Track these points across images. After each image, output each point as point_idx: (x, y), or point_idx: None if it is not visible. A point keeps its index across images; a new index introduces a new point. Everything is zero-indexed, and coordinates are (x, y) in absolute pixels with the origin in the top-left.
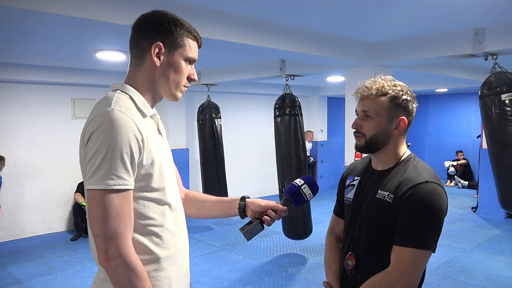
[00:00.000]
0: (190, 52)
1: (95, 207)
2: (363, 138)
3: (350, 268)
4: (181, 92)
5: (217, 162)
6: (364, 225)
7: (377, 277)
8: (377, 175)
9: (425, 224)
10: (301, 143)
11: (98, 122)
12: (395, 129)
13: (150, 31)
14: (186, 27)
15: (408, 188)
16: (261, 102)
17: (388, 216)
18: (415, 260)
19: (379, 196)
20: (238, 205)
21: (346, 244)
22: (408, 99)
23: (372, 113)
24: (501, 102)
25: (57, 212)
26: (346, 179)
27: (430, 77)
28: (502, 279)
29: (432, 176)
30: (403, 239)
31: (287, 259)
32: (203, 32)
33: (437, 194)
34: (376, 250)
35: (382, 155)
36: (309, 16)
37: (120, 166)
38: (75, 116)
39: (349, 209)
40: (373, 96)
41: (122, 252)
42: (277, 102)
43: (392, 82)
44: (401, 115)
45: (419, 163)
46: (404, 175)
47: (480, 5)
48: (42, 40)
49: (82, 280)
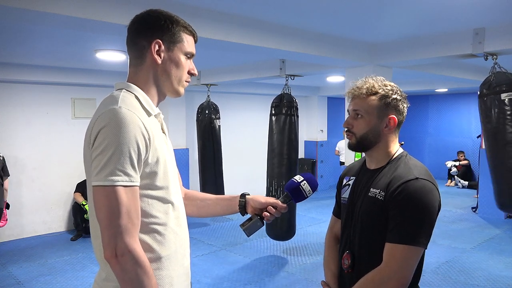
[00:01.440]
0: (188, 46)
1: (103, 203)
2: (354, 137)
3: (346, 267)
4: (183, 87)
5: (215, 162)
6: (358, 224)
7: (370, 275)
8: (370, 174)
9: (415, 221)
10: (294, 143)
11: (105, 119)
12: (385, 127)
13: (147, 30)
14: (182, 23)
15: (398, 185)
16: (261, 102)
17: (380, 213)
18: (406, 257)
19: (371, 194)
20: (238, 202)
21: (343, 243)
22: (398, 99)
23: (362, 112)
24: (500, 101)
25: (57, 212)
26: (343, 180)
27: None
28: (502, 279)
29: (423, 173)
30: (394, 236)
31: (287, 259)
32: (203, 32)
33: (428, 191)
34: (370, 248)
35: (374, 153)
36: (309, 16)
37: (128, 163)
38: (75, 116)
39: (345, 209)
40: (363, 95)
41: (131, 248)
42: (275, 101)
43: (382, 82)
44: (391, 114)
45: (410, 161)
46: (395, 173)
47: (480, 5)
48: (42, 40)
49: (82, 280)
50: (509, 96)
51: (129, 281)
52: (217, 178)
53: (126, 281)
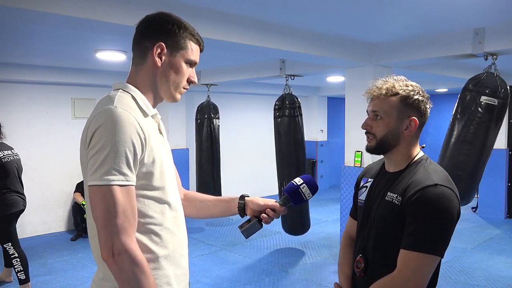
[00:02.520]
0: (192, 55)
1: (99, 203)
2: (374, 139)
3: (359, 271)
4: (180, 94)
5: (213, 162)
6: (373, 228)
7: (382, 281)
8: (388, 177)
9: (432, 228)
10: (300, 144)
11: (101, 119)
12: (406, 129)
13: (153, 32)
14: (190, 30)
15: (416, 190)
16: (261, 102)
17: (396, 218)
18: (421, 265)
19: (388, 198)
20: (237, 204)
21: (357, 246)
22: (420, 99)
23: (381, 113)
24: (477, 102)
25: (57, 212)
26: (360, 181)
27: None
28: (502, 279)
29: (442, 179)
30: (409, 243)
31: (287, 259)
32: (203, 32)
33: (446, 198)
34: (384, 253)
35: (393, 156)
36: (309, 16)
37: (124, 163)
38: (75, 116)
39: (361, 211)
40: (383, 96)
41: (128, 247)
42: (277, 103)
43: (404, 82)
44: (412, 115)
45: (430, 165)
46: (414, 177)
47: (480, 5)
48: (42, 40)
49: (82, 280)
50: (487, 100)
51: (126, 280)
52: (215, 178)
53: (124, 281)
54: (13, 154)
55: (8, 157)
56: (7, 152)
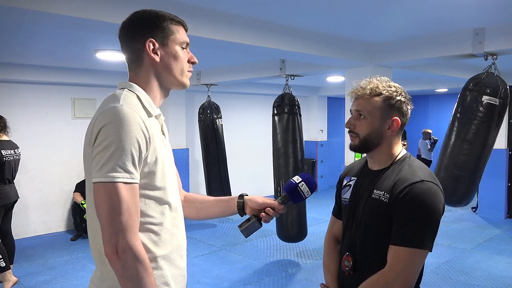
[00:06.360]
0: (181, 37)
1: (104, 200)
2: (357, 138)
3: (347, 269)
4: (187, 78)
5: (220, 162)
6: (361, 225)
7: (374, 278)
8: (373, 175)
9: (421, 223)
10: (298, 142)
11: (107, 117)
12: (388, 129)
13: (137, 32)
14: (167, 15)
15: (404, 187)
16: (261, 102)
17: (384, 215)
18: (411, 260)
19: (375, 196)
20: (236, 203)
21: (344, 244)
22: (402, 100)
23: (365, 113)
24: (479, 101)
25: (57, 212)
26: (343, 180)
27: (430, 77)
28: (502, 279)
29: (427, 175)
30: (399, 239)
31: (287, 259)
32: (203, 32)
33: (433, 193)
34: (373, 250)
35: (377, 155)
36: (309, 16)
37: (129, 160)
38: (75, 116)
39: (346, 210)
40: (367, 96)
41: (132, 245)
42: (276, 101)
43: (387, 83)
44: (394, 115)
45: (414, 162)
46: (400, 175)
47: (480, 5)
48: (42, 40)
49: (82, 280)
50: (488, 100)
51: (129, 277)
52: (222, 178)
53: (126, 278)
54: (14, 154)
55: (8, 157)
56: (9, 152)
